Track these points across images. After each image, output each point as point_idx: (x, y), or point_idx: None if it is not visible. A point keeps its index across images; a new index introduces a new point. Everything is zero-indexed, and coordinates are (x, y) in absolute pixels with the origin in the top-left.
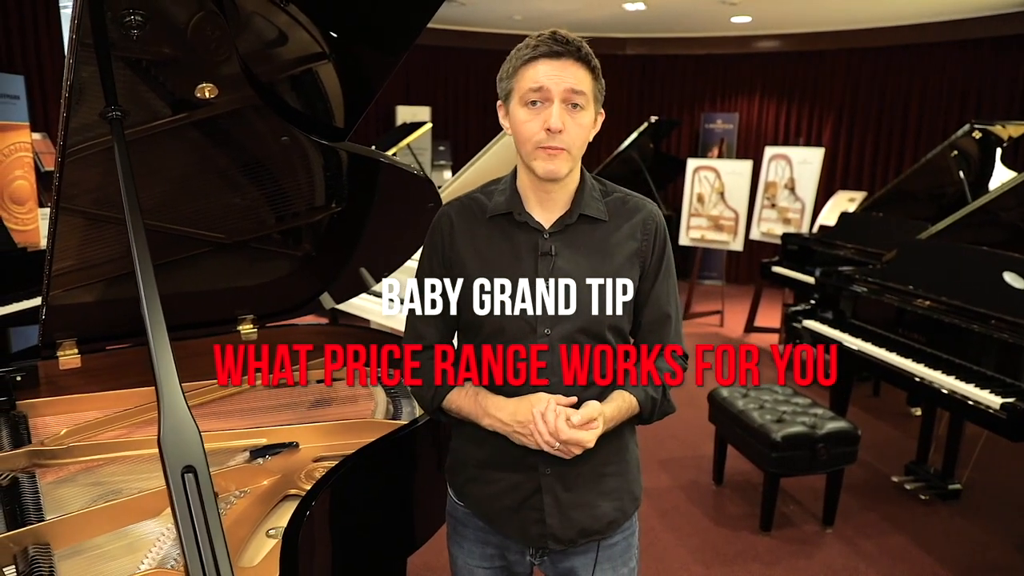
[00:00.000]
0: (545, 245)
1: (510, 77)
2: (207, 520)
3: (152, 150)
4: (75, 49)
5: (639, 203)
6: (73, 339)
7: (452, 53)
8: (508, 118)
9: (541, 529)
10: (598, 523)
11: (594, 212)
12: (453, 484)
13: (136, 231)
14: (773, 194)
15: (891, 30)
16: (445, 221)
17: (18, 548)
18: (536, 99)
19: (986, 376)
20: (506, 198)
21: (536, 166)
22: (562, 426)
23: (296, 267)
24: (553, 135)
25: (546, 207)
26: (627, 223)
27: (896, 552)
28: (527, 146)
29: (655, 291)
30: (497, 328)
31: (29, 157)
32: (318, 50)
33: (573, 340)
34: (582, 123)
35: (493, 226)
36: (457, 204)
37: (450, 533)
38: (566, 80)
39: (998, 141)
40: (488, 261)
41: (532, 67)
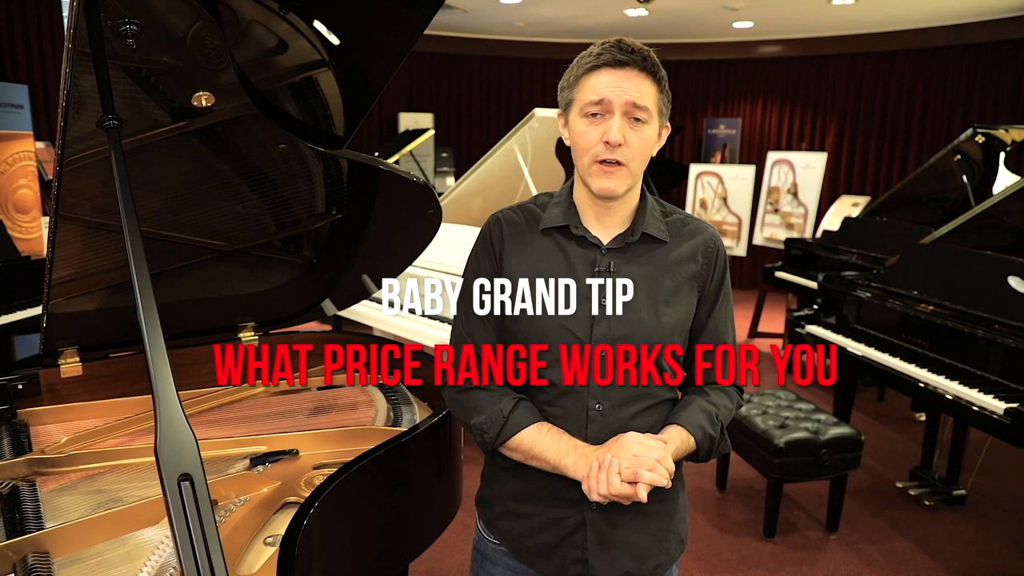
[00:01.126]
0: (603, 262)
1: (571, 86)
2: (204, 528)
3: (152, 158)
4: (71, 58)
5: (700, 226)
6: (75, 347)
7: (454, 60)
8: (567, 128)
9: (582, 569)
10: (642, 566)
11: (656, 232)
12: (485, 517)
13: (133, 239)
14: (776, 199)
15: (893, 34)
16: (496, 228)
17: (17, 557)
18: (596, 111)
19: (990, 381)
20: (562, 210)
21: (592, 182)
22: (614, 480)
23: (297, 274)
24: (612, 148)
25: (604, 223)
26: (688, 244)
27: (900, 558)
28: (584, 159)
29: (713, 319)
30: (547, 343)
31: (33, 166)
32: (318, 58)
33: (628, 363)
34: (645, 137)
35: (546, 239)
36: (508, 213)
37: (475, 570)
38: (629, 92)
39: (1001, 145)
40: (542, 274)
41: (594, 76)
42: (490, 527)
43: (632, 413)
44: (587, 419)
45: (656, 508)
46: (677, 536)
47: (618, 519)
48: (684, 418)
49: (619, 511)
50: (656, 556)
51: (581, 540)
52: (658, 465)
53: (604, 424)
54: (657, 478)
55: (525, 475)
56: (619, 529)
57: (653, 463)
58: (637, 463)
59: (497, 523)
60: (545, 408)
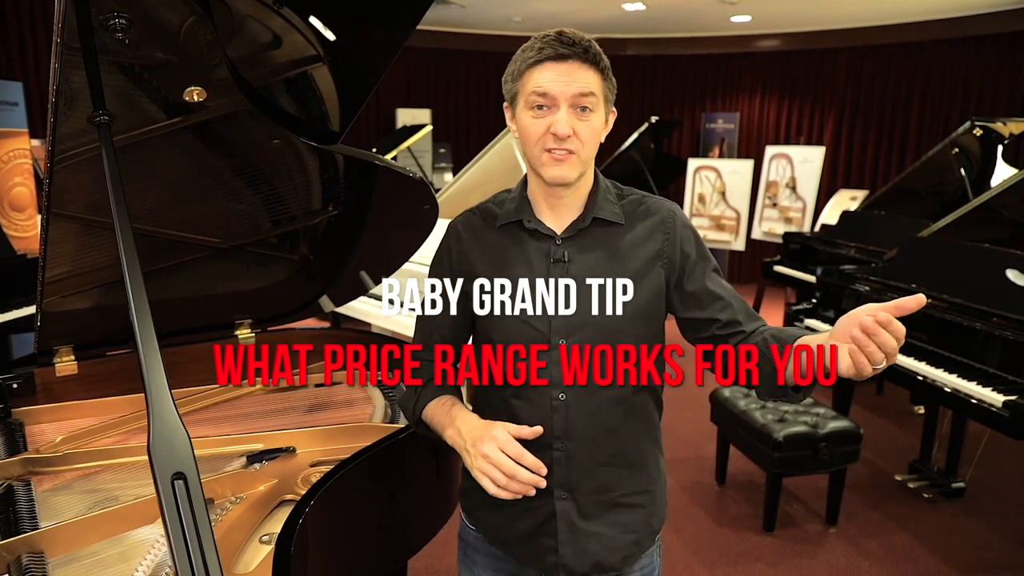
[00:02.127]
0: (557, 252)
1: (515, 80)
2: (198, 527)
3: (146, 155)
4: (59, 53)
5: (657, 204)
6: (70, 346)
7: (452, 55)
8: (514, 121)
9: (555, 559)
10: (613, 557)
11: (609, 215)
12: (465, 507)
13: (124, 236)
14: (774, 193)
15: (892, 28)
16: (453, 233)
17: (12, 557)
18: (542, 103)
19: (988, 374)
20: (515, 205)
21: (543, 172)
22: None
23: (294, 271)
24: (560, 140)
25: (558, 212)
26: (644, 224)
27: (899, 551)
28: (534, 150)
29: (709, 280)
30: (509, 338)
31: (28, 164)
32: (313, 53)
33: (586, 342)
34: (592, 126)
35: (504, 234)
36: (465, 216)
37: (461, 558)
38: (573, 85)
39: (999, 138)
40: (500, 270)
41: (537, 71)
42: (470, 517)
43: (597, 401)
44: (551, 409)
45: (628, 501)
46: (649, 528)
47: (588, 510)
48: (799, 334)
49: (590, 502)
50: (626, 548)
51: (552, 530)
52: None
53: (568, 414)
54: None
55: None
56: (589, 520)
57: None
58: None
59: (476, 513)
60: (512, 400)
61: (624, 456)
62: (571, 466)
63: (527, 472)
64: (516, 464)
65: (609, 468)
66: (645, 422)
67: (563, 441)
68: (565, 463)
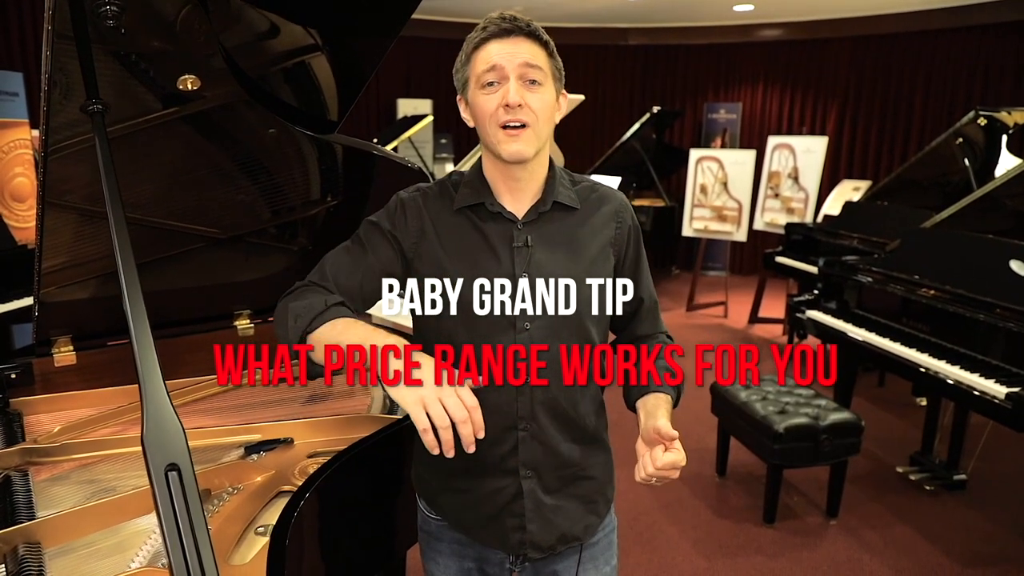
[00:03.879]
0: (520, 236)
1: (464, 65)
2: (191, 518)
3: (142, 145)
4: (51, 40)
5: (608, 192)
6: (68, 336)
7: (453, 45)
8: (469, 109)
9: (521, 536)
10: (577, 527)
11: (566, 200)
12: (424, 495)
13: (118, 226)
14: (777, 184)
15: (895, 17)
16: (413, 207)
17: (8, 547)
18: (492, 79)
19: (991, 365)
20: (473, 188)
21: (501, 149)
22: (656, 455)
23: (293, 261)
24: (512, 110)
25: (516, 196)
26: (598, 212)
27: (901, 543)
28: (490, 127)
29: (641, 281)
30: (473, 324)
31: (29, 154)
32: (311, 42)
33: (552, 333)
34: (543, 99)
35: (461, 217)
36: (423, 193)
37: (423, 549)
38: (519, 55)
39: (1003, 128)
40: (462, 254)
41: (483, 49)
42: (431, 504)
43: (560, 381)
44: (517, 391)
45: (586, 473)
46: (604, 497)
47: (551, 486)
48: (653, 384)
49: (552, 478)
50: (587, 517)
51: (519, 508)
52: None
53: (533, 394)
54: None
55: (461, 451)
56: (553, 495)
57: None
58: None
59: (437, 500)
60: (476, 385)
61: (581, 431)
62: (535, 445)
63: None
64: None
65: (568, 444)
66: (596, 397)
67: (527, 422)
68: (530, 442)
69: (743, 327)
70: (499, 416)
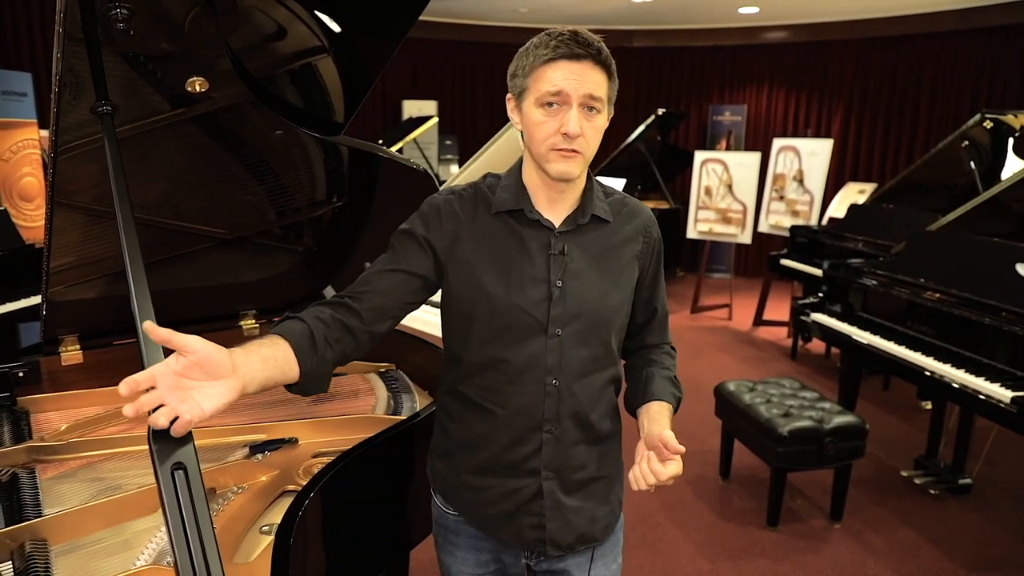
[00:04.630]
0: (557, 244)
1: (526, 75)
2: (197, 517)
3: (150, 145)
4: (62, 42)
5: (637, 206)
6: (75, 335)
7: (458, 47)
8: (519, 113)
9: (539, 534)
10: (595, 527)
11: (602, 213)
12: (441, 490)
13: (126, 226)
14: (781, 186)
15: (900, 19)
16: (448, 211)
17: (15, 544)
18: (554, 101)
19: (997, 369)
20: (512, 194)
21: (550, 168)
22: (658, 468)
23: (298, 262)
24: (570, 139)
25: (554, 205)
26: (629, 225)
27: (905, 547)
28: (542, 147)
29: (657, 292)
30: (506, 326)
31: (37, 154)
32: (317, 44)
33: (582, 340)
34: (597, 127)
35: (499, 221)
36: (458, 196)
37: (439, 542)
38: (586, 86)
39: (1010, 131)
40: (498, 258)
41: (551, 68)
42: (448, 499)
43: (585, 387)
44: (544, 394)
45: (601, 474)
46: (617, 496)
47: (570, 487)
48: (660, 392)
49: (570, 479)
50: (605, 518)
51: (538, 508)
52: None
53: (559, 398)
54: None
55: (482, 450)
56: (572, 495)
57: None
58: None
59: (455, 496)
60: (505, 386)
61: (598, 435)
62: (557, 447)
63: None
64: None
65: (583, 447)
66: (611, 402)
67: (552, 424)
68: (553, 444)
69: (747, 329)
70: (526, 417)
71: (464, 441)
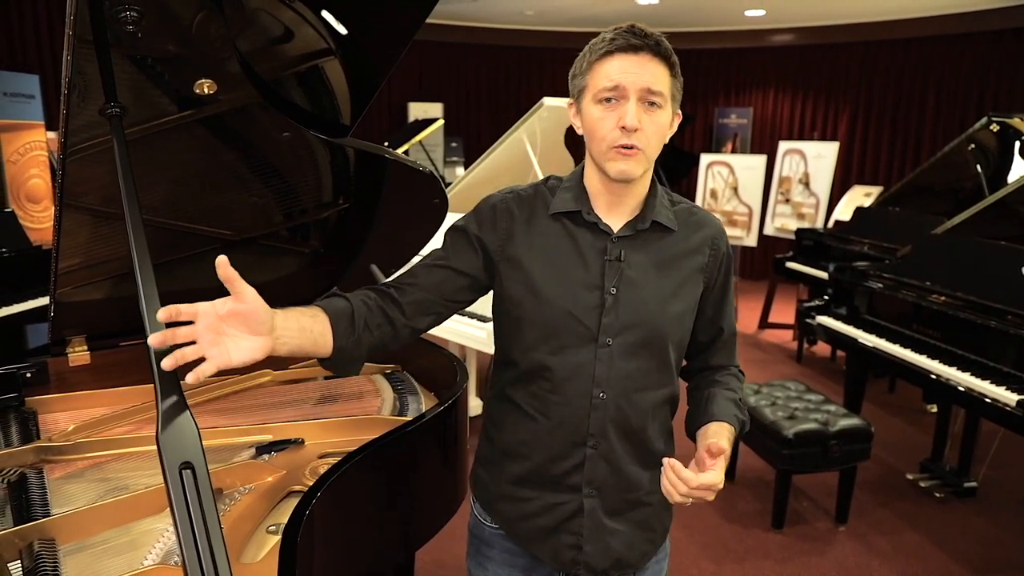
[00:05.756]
0: (614, 250)
1: (583, 73)
2: (205, 516)
3: (158, 147)
4: (72, 45)
5: (707, 217)
6: (83, 336)
7: (464, 49)
8: (580, 116)
9: (575, 555)
10: (633, 554)
11: (665, 220)
12: (481, 499)
13: (135, 227)
14: (787, 189)
15: (907, 22)
16: (504, 210)
17: (23, 543)
18: (611, 96)
19: (1003, 373)
20: (573, 195)
21: (610, 168)
22: (687, 475)
23: (305, 263)
24: (628, 133)
25: (614, 210)
26: (695, 235)
27: (910, 550)
28: (601, 145)
29: (724, 310)
30: (554, 331)
31: (44, 156)
32: (324, 46)
33: (634, 352)
34: (659, 122)
35: (555, 223)
36: (516, 195)
37: (472, 553)
38: (644, 78)
39: (1016, 134)
40: (551, 260)
41: (608, 62)
42: (487, 509)
43: (636, 403)
44: (591, 406)
45: (649, 499)
46: (663, 525)
47: (614, 508)
48: (721, 413)
49: (616, 500)
50: (644, 545)
51: (577, 527)
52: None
53: (606, 412)
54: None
55: (524, 460)
56: (613, 518)
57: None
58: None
59: (494, 506)
60: (548, 395)
61: (649, 456)
62: (602, 464)
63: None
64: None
65: (635, 467)
66: (666, 423)
67: (597, 439)
68: (597, 460)
69: (753, 332)
70: (569, 430)
71: (506, 449)
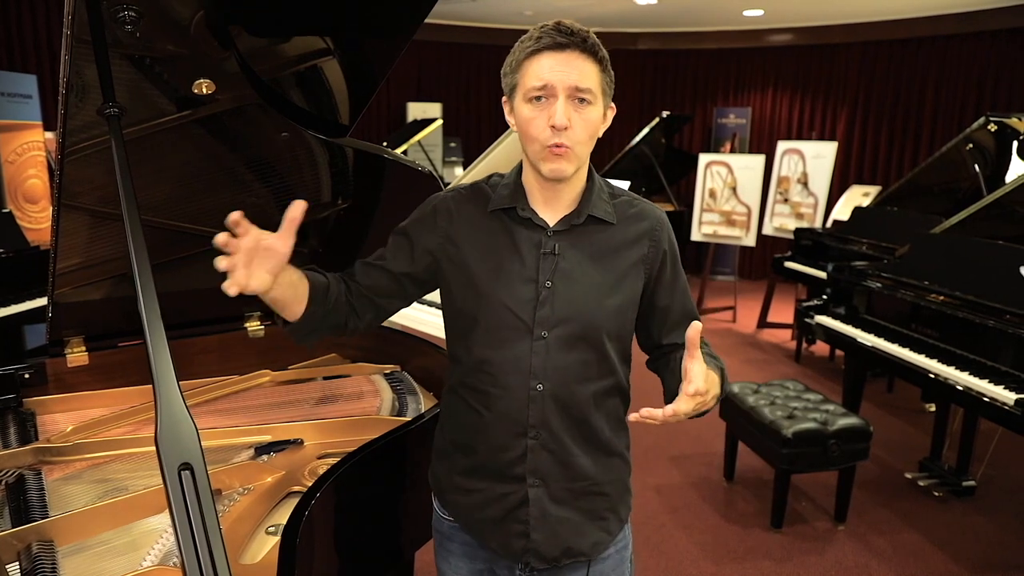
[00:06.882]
0: (548, 244)
1: (513, 72)
2: (204, 517)
3: (157, 148)
4: (70, 45)
5: (646, 209)
6: (81, 336)
7: (462, 49)
8: (513, 115)
9: (524, 543)
10: (584, 542)
11: (602, 214)
12: (437, 492)
13: (133, 228)
14: (786, 189)
15: (905, 22)
16: (444, 210)
17: (22, 545)
18: (541, 95)
19: (1001, 372)
20: (510, 192)
21: (542, 166)
22: (655, 410)
23: (304, 263)
24: (559, 132)
25: (551, 205)
26: (634, 227)
27: (909, 549)
28: (534, 145)
29: (677, 297)
30: (492, 325)
31: (42, 156)
32: (323, 46)
33: (572, 345)
34: (589, 118)
35: (494, 220)
36: (456, 193)
37: (437, 549)
38: (571, 76)
39: (1014, 134)
40: (489, 255)
41: (535, 61)
42: (443, 503)
43: (575, 395)
44: (528, 399)
45: (598, 489)
46: (617, 516)
47: (559, 496)
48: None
49: (561, 489)
50: (596, 533)
51: (524, 515)
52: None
53: (545, 403)
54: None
55: (471, 452)
56: (560, 506)
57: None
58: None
59: (447, 497)
60: (489, 389)
61: (595, 446)
62: (544, 455)
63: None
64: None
65: (581, 457)
66: (614, 414)
67: (538, 430)
68: (539, 451)
69: (752, 332)
70: (510, 422)
71: (456, 442)
